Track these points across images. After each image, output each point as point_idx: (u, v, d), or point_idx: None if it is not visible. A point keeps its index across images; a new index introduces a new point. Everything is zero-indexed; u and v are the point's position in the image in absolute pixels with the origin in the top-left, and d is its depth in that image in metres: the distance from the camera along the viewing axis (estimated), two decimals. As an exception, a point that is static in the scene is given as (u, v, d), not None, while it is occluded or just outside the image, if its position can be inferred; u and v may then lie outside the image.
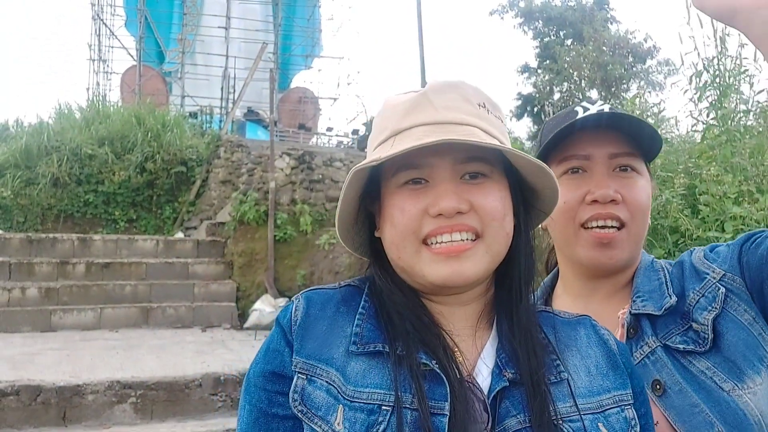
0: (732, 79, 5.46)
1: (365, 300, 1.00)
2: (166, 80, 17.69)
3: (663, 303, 1.20)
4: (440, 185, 0.93)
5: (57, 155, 10.46)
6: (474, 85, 1.01)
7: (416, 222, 0.93)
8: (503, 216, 0.95)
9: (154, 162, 10.90)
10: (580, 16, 17.84)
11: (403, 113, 0.96)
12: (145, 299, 8.17)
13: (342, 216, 1.01)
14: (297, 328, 0.95)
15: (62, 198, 10.45)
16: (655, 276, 1.26)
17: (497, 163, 0.96)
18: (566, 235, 1.30)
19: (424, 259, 0.93)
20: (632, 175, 1.26)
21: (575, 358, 0.98)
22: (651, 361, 1.17)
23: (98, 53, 17.57)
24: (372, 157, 0.95)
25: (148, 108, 12.09)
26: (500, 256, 0.96)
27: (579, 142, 1.26)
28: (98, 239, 9.02)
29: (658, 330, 1.19)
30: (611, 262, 1.25)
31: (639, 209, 1.25)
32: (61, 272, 8.20)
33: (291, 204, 8.80)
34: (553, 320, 1.03)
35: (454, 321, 0.98)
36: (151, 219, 11.06)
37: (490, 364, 0.94)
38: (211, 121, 14.17)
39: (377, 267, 1.02)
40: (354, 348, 0.93)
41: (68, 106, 12.58)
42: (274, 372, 0.94)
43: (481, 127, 0.94)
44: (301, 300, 1.00)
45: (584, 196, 1.25)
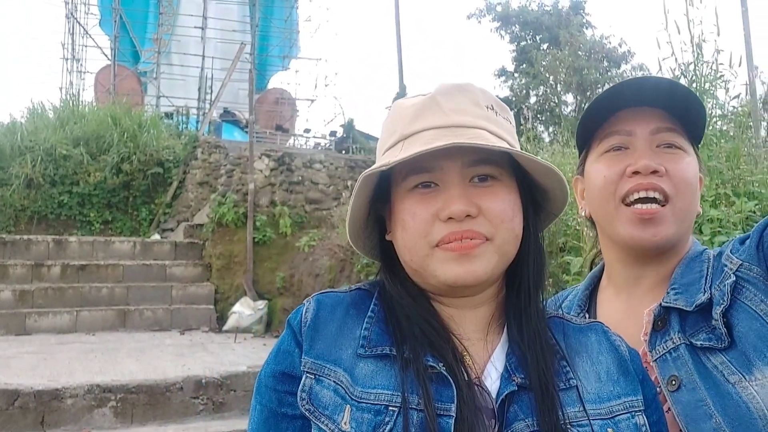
0: (708, 85, 5.57)
1: (375, 304, 1.00)
2: (141, 80, 17.46)
3: (695, 299, 1.14)
4: (450, 189, 0.94)
5: (31, 155, 10.27)
6: (482, 87, 1.02)
7: (427, 226, 0.94)
8: (512, 218, 0.95)
9: (130, 163, 10.76)
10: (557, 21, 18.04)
11: (412, 117, 0.97)
12: (122, 302, 8.07)
13: (353, 220, 1.02)
14: (306, 329, 0.96)
15: (36, 199, 10.26)
16: (698, 267, 1.20)
17: (506, 165, 0.97)
18: (607, 213, 1.24)
19: (436, 258, 0.94)
20: (677, 151, 1.20)
21: (585, 364, 0.98)
22: (672, 357, 1.13)
23: (72, 52, 17.30)
24: (382, 162, 0.96)
25: (124, 108, 11.92)
26: (510, 255, 0.97)
27: (621, 119, 1.22)
28: (74, 241, 8.88)
29: (687, 327, 1.14)
30: (655, 240, 1.18)
31: (684, 183, 1.18)
32: (35, 274, 8.07)
33: (270, 206, 8.76)
34: (564, 326, 1.04)
35: (465, 325, 0.98)
36: (127, 220, 10.92)
37: (499, 368, 0.94)
38: (187, 122, 14.02)
39: (387, 270, 1.03)
40: (362, 351, 0.94)
41: (41, 105, 12.35)
42: (284, 372, 0.95)
43: (489, 130, 0.95)
44: (311, 302, 1.01)
45: (625, 170, 1.19)
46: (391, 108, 1.05)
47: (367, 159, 10.30)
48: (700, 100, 1.20)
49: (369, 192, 0.99)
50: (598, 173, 1.25)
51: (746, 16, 6.81)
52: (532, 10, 18.73)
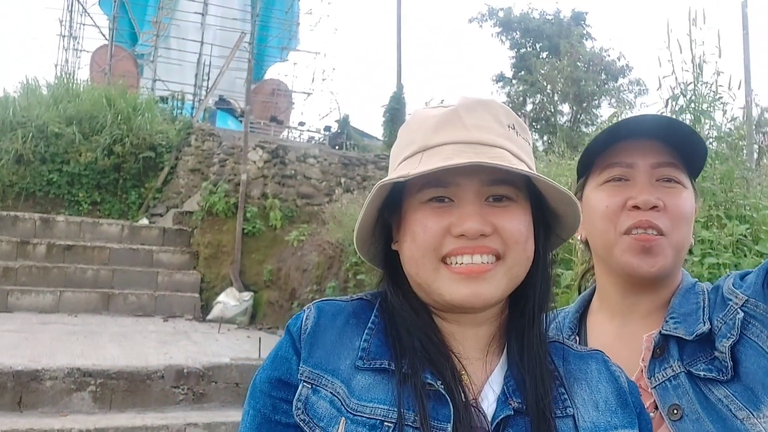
0: (707, 106, 5.61)
1: (375, 315, 0.99)
2: (137, 62, 17.35)
3: (695, 329, 1.17)
4: (465, 206, 0.93)
5: (22, 131, 10.18)
6: (504, 105, 1.01)
7: (437, 240, 0.92)
8: (526, 240, 0.94)
9: (122, 145, 10.68)
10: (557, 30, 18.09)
11: (433, 129, 0.95)
12: (107, 285, 8.01)
13: (362, 227, 1.00)
14: (306, 336, 0.95)
15: (24, 176, 10.17)
16: (694, 299, 1.23)
17: (523, 186, 0.96)
18: (606, 241, 1.27)
19: (442, 277, 0.93)
20: (675, 186, 1.23)
21: (584, 392, 0.97)
22: (672, 386, 1.15)
23: (69, 30, 17.15)
24: (399, 172, 0.94)
25: (119, 89, 11.83)
26: (519, 279, 0.96)
27: (623, 150, 1.25)
28: (61, 220, 8.81)
29: (685, 356, 1.16)
30: (653, 270, 1.21)
31: (681, 218, 1.22)
32: (20, 252, 7.99)
33: (262, 198, 8.72)
34: (565, 352, 1.03)
35: (465, 343, 0.97)
36: (115, 203, 10.84)
37: (497, 390, 0.94)
38: (182, 107, 13.94)
39: (390, 281, 1.02)
40: (360, 363, 0.93)
41: (36, 81, 12.23)
42: (280, 379, 0.94)
43: (510, 150, 0.94)
44: (312, 309, 1.00)
45: (625, 202, 1.23)
46: (412, 116, 1.03)
47: (361, 156, 10.28)
48: (702, 138, 1.24)
49: (381, 200, 0.98)
50: (599, 201, 1.27)
51: (747, 39, 6.86)
52: (533, 17, 18.79)
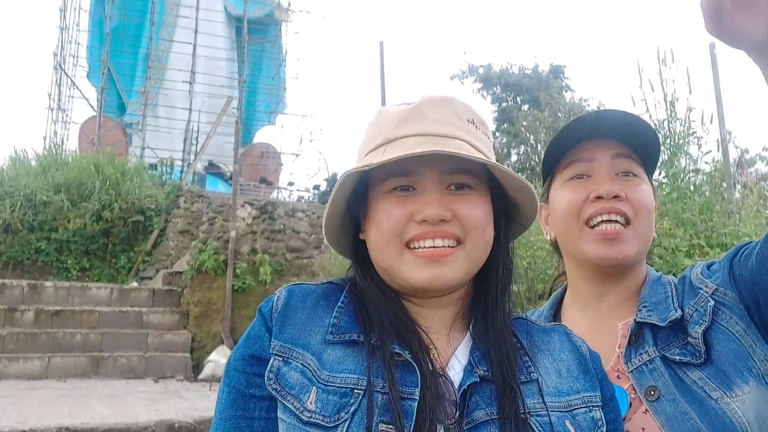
0: (681, 141, 5.76)
1: (345, 296, 1.04)
2: (126, 131, 17.57)
3: (668, 315, 1.22)
4: (427, 194, 0.98)
5: (10, 201, 10.21)
6: (464, 101, 1.07)
7: (401, 226, 0.97)
8: (484, 225, 1.00)
9: (111, 210, 10.72)
10: (537, 84, 18.53)
11: (396, 123, 1.01)
12: (96, 348, 7.91)
13: (329, 218, 1.04)
14: (277, 315, 0.99)
15: (12, 245, 10.15)
16: (662, 289, 1.28)
17: (482, 176, 1.02)
18: (571, 234, 1.32)
19: (406, 261, 0.98)
20: (634, 179, 1.30)
21: (546, 361, 1.02)
22: (648, 369, 1.19)
23: (58, 102, 17.41)
24: (364, 163, 1.00)
25: (107, 156, 11.95)
26: (479, 262, 1.01)
27: (582, 148, 1.31)
28: (50, 286, 8.76)
29: (659, 341, 1.21)
30: (619, 257, 1.26)
31: (643, 208, 1.28)
32: (8, 319, 7.91)
33: (251, 253, 8.74)
34: (528, 327, 1.08)
35: (431, 321, 1.02)
36: (105, 268, 10.80)
37: (462, 362, 0.98)
38: (171, 173, 14.06)
39: (359, 268, 1.07)
40: (330, 337, 0.97)
41: (24, 152, 12.36)
42: (253, 355, 0.98)
43: (469, 142, 1.00)
44: (283, 291, 1.04)
45: (588, 195, 1.28)
46: (377, 113, 1.09)
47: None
48: (654, 130, 1.31)
49: (347, 191, 1.02)
50: (562, 198, 1.33)
51: (717, 78, 7.09)
52: (513, 72, 19.26)
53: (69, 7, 17.16)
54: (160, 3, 16.95)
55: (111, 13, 16.43)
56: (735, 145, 11.04)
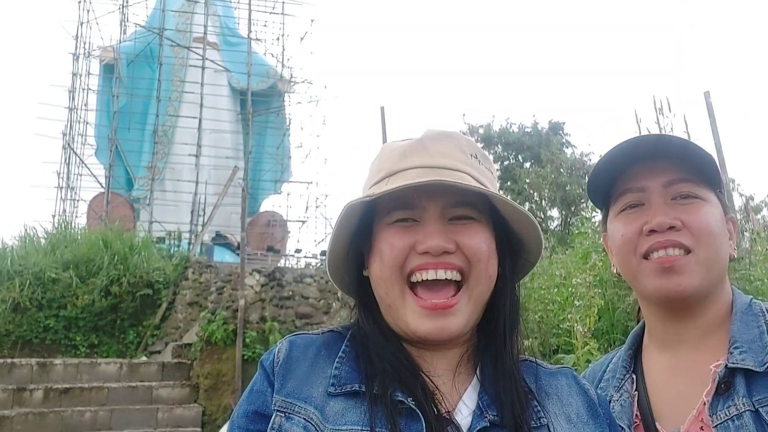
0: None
1: (347, 345, 1.02)
2: (134, 206, 17.74)
3: (765, 359, 1.07)
4: (429, 225, 0.97)
5: (19, 279, 10.23)
6: (467, 137, 1.08)
7: (403, 256, 0.97)
8: (488, 258, 0.98)
9: (119, 285, 10.71)
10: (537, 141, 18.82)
11: (399, 156, 1.02)
12: (105, 426, 7.75)
13: (333, 253, 1.04)
14: (279, 368, 0.98)
15: (21, 323, 10.10)
16: (755, 322, 1.14)
17: (485, 209, 1.01)
18: (630, 269, 1.22)
19: (409, 306, 0.96)
20: (693, 201, 1.17)
21: (556, 406, 0.99)
22: (735, 426, 1.05)
23: (66, 181, 17.68)
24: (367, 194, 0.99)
25: (115, 231, 12.05)
26: (482, 300, 0.99)
27: (632, 176, 1.21)
28: (59, 363, 8.67)
29: (754, 390, 1.06)
30: (679, 289, 1.14)
31: (704, 233, 1.15)
32: (17, 399, 7.79)
33: (260, 321, 8.67)
34: (535, 370, 1.05)
35: (435, 364, 0.99)
36: (113, 344, 10.70)
37: (470, 406, 0.95)
38: (179, 245, 14.12)
39: (362, 307, 1.05)
40: (332, 389, 0.95)
41: (34, 230, 12.48)
42: (256, 411, 0.96)
43: (471, 174, 1.00)
44: (284, 343, 1.03)
45: (642, 228, 1.18)
46: (381, 149, 1.09)
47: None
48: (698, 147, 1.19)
49: (351, 225, 1.02)
50: (616, 232, 1.25)
51: (715, 126, 7.15)
52: (513, 131, 19.58)
53: (78, 88, 17.63)
54: (165, 80, 17.40)
55: (118, 92, 16.86)
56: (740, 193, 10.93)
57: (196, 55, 17.43)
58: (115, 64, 17.16)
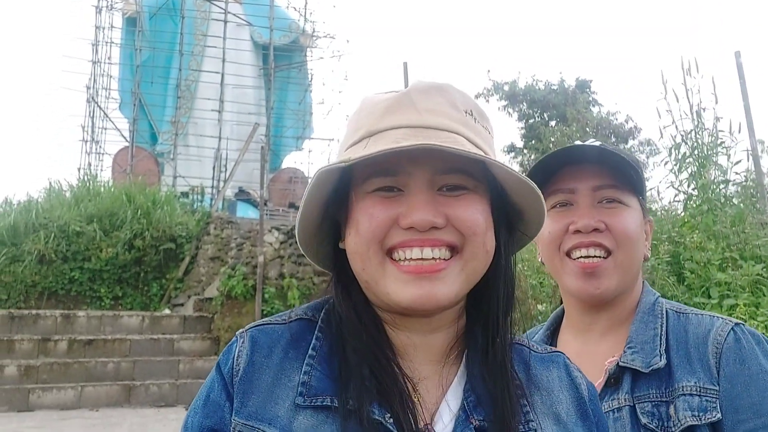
0: (710, 151, 5.62)
1: (317, 338, 0.90)
2: (158, 161, 17.87)
3: (651, 362, 1.17)
4: (415, 195, 0.83)
5: (44, 232, 10.44)
6: (462, 90, 0.92)
7: (383, 230, 0.84)
8: (484, 231, 0.85)
9: (142, 239, 10.88)
10: (563, 99, 18.45)
11: (381, 113, 0.87)
12: (128, 377, 7.97)
13: (303, 222, 0.91)
14: (238, 381, 0.86)
15: (47, 275, 10.35)
16: (653, 324, 1.23)
17: (480, 177, 0.87)
18: (554, 265, 1.31)
19: (389, 274, 0.84)
20: (617, 206, 1.26)
21: (545, 403, 0.91)
22: (614, 417, 1.16)
23: (91, 134, 17.83)
24: (342, 159, 0.85)
25: (138, 186, 12.17)
26: (476, 275, 0.87)
27: (564, 177, 1.29)
28: (82, 315, 8.88)
29: (636, 388, 1.18)
30: (598, 292, 1.25)
31: (625, 237, 1.24)
32: (42, 349, 8.03)
33: (279, 278, 8.76)
34: (527, 355, 0.95)
35: (418, 356, 0.89)
36: (137, 296, 10.93)
37: (454, 408, 0.86)
38: (202, 200, 14.25)
39: (339, 285, 0.92)
40: (300, 400, 0.83)
41: (58, 184, 12.66)
42: (212, 428, 0.86)
43: (466, 136, 0.85)
44: (245, 342, 0.89)
45: (568, 227, 1.27)
46: (361, 102, 0.94)
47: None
48: (633, 163, 1.27)
49: (324, 193, 0.89)
50: (544, 228, 1.29)
51: (744, 87, 6.93)
52: (539, 88, 19.21)
53: (101, 42, 17.61)
54: (188, 34, 17.29)
55: (141, 46, 16.81)
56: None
57: (218, 9, 17.26)
58: (137, 17, 17.07)
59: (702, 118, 5.82)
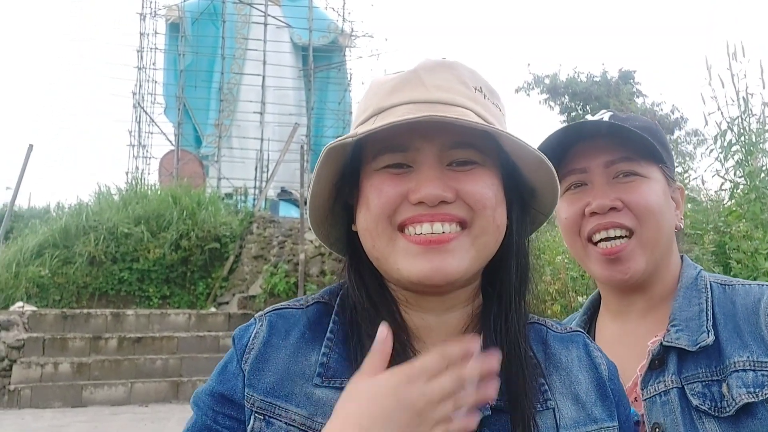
0: (757, 138, 5.45)
1: (334, 321, 0.90)
2: (203, 163, 18.21)
3: (698, 339, 1.08)
4: (424, 171, 0.83)
5: (94, 234, 10.76)
6: (472, 68, 0.91)
7: (393, 206, 0.83)
8: (494, 205, 0.84)
9: (188, 239, 11.11)
10: (606, 90, 18.10)
11: (389, 91, 0.87)
12: (176, 373, 8.15)
13: (314, 203, 0.90)
14: (252, 358, 0.87)
15: (97, 276, 10.66)
16: (696, 299, 1.14)
17: (490, 152, 0.86)
18: (577, 252, 1.25)
19: (399, 248, 0.83)
20: (635, 179, 1.18)
21: (563, 383, 0.90)
22: (661, 401, 1.08)
23: (138, 139, 18.28)
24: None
25: (184, 188, 12.44)
26: (488, 250, 0.86)
27: (575, 156, 1.21)
28: (131, 314, 9.12)
29: (684, 368, 1.09)
30: (627, 277, 1.17)
31: (646, 212, 1.16)
32: (93, 347, 8.27)
33: (320, 275, 8.84)
34: (545, 334, 0.94)
35: (434, 335, 0.89)
36: (184, 295, 11.18)
37: None
38: (245, 201, 14.48)
39: (353, 268, 0.92)
40: (318, 380, 0.84)
41: (107, 188, 13.03)
42: (222, 394, 0.87)
43: (474, 110, 0.84)
44: (264, 324, 0.90)
45: (584, 209, 1.19)
46: (369, 84, 0.94)
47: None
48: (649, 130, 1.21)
49: (334, 172, 0.89)
50: (561, 213, 1.25)
51: (795, 70, 6.68)
52: (580, 81, 18.88)
53: (145, 48, 18.04)
54: (229, 38, 17.57)
55: (184, 51, 17.15)
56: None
57: (258, 12, 17.48)
58: (180, 22, 17.42)
59: (749, 104, 5.65)
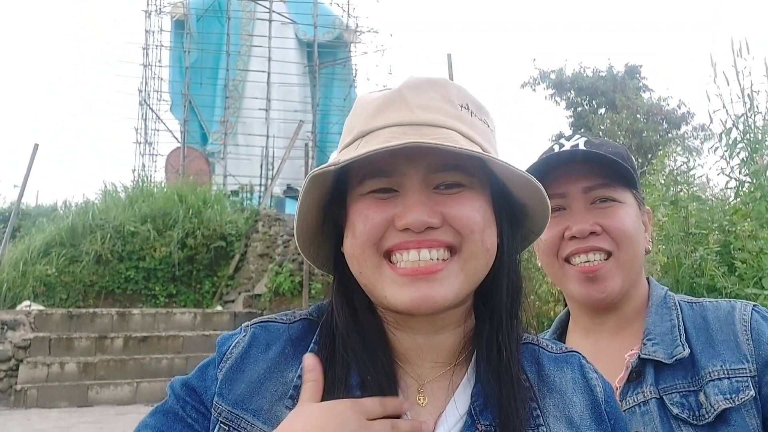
0: (763, 136, 5.40)
1: (315, 342, 0.89)
2: (209, 160, 18.23)
3: (674, 352, 1.15)
4: (409, 196, 0.81)
5: (101, 233, 10.79)
6: (459, 84, 0.91)
7: (379, 232, 0.82)
8: (482, 229, 0.83)
9: (194, 238, 11.14)
10: (612, 85, 17.99)
11: (373, 112, 0.85)
12: (181, 372, 8.13)
13: (300, 226, 0.89)
14: (227, 367, 0.87)
15: (104, 275, 10.70)
16: (668, 316, 1.21)
17: (478, 173, 0.85)
18: (554, 272, 1.30)
19: (385, 277, 0.82)
20: (612, 205, 1.25)
21: (557, 406, 0.87)
22: (641, 411, 1.14)
23: (144, 136, 18.32)
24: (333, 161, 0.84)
25: (190, 186, 12.46)
26: (478, 275, 0.84)
27: (554, 181, 1.25)
28: (137, 313, 9.15)
29: (661, 380, 1.15)
30: (603, 296, 1.23)
31: (623, 236, 1.23)
32: (99, 347, 8.31)
33: (325, 275, 8.83)
34: (539, 355, 0.92)
35: (425, 356, 0.87)
36: (190, 293, 11.20)
37: (461, 410, 0.84)
38: (251, 198, 14.50)
39: (340, 288, 0.91)
40: (290, 403, 0.83)
41: (114, 186, 13.05)
42: (193, 388, 0.88)
43: (460, 131, 0.83)
44: (246, 335, 0.91)
45: (563, 232, 1.25)
46: (355, 102, 0.93)
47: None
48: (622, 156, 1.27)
49: (320, 196, 0.88)
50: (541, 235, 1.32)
51: (802, 67, 6.61)
52: (586, 76, 18.76)
53: (151, 45, 18.06)
54: (234, 35, 17.57)
55: (189, 48, 17.16)
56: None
57: (263, 8, 17.47)
58: (185, 19, 17.44)
59: (754, 102, 5.60)
